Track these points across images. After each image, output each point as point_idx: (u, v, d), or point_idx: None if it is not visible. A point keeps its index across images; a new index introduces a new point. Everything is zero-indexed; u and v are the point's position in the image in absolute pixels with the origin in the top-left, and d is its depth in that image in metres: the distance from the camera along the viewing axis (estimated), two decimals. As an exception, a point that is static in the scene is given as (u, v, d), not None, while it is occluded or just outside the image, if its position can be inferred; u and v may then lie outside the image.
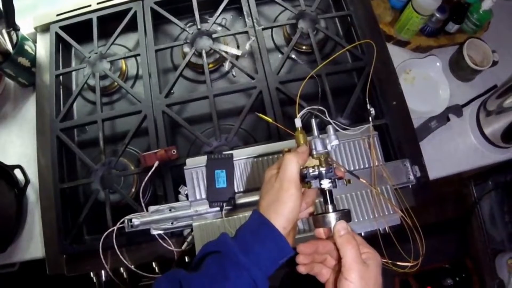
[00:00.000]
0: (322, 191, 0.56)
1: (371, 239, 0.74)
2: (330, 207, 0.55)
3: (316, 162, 0.56)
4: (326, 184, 0.55)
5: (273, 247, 0.51)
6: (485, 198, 1.39)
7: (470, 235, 1.47)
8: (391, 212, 0.75)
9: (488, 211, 1.43)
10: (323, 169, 0.55)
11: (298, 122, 0.60)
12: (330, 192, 0.55)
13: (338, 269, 0.51)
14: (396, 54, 1.02)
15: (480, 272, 1.46)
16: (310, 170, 0.55)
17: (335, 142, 0.58)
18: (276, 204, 0.53)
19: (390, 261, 0.69)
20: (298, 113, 0.64)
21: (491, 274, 1.40)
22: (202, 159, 0.77)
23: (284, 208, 0.52)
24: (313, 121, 0.60)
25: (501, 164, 1.02)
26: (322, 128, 0.61)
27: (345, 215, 0.54)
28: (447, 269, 1.52)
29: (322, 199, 0.56)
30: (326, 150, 0.57)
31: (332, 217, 0.53)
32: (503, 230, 1.40)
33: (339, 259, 0.51)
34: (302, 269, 0.54)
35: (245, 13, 0.96)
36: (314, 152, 0.57)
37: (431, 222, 1.11)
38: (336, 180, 0.56)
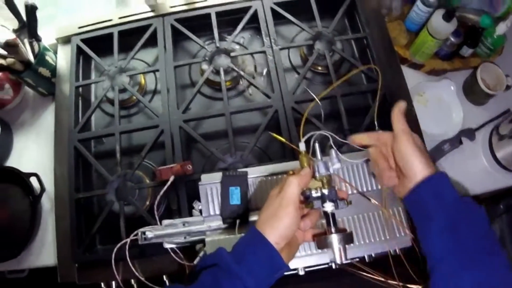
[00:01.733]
0: (325, 214, 0.59)
1: (382, 259, 0.75)
2: (332, 229, 0.58)
3: (319, 184, 0.59)
4: (329, 207, 0.58)
5: (265, 257, 0.54)
6: (496, 221, 1.38)
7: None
8: (402, 234, 0.75)
9: (499, 235, 1.41)
10: (325, 191, 0.58)
11: (302, 146, 0.63)
12: (333, 214, 0.58)
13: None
14: (411, 76, 1.03)
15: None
16: (313, 192, 0.58)
17: (337, 165, 0.62)
18: (273, 220, 0.56)
19: (400, 283, 0.70)
20: (303, 137, 0.66)
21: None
22: (217, 176, 0.78)
23: (280, 224, 0.55)
24: (316, 145, 0.63)
25: (513, 187, 1.01)
26: (339, 147, 0.65)
27: (347, 237, 0.57)
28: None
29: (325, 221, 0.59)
30: (329, 173, 0.60)
31: (334, 238, 0.56)
32: (513, 254, 1.39)
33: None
34: (372, 152, 0.68)
35: (263, 32, 0.97)
36: (317, 175, 0.60)
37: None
38: (338, 201, 0.58)
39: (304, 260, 0.70)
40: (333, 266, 0.76)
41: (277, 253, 0.55)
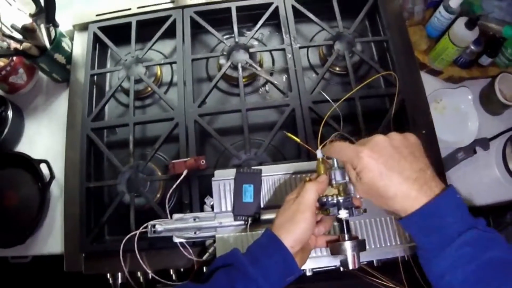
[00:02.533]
0: (339, 221, 0.61)
1: (389, 264, 0.74)
2: (346, 236, 0.60)
3: (335, 191, 0.60)
4: (343, 214, 0.59)
5: (280, 261, 0.55)
6: (502, 232, 1.38)
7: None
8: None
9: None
10: (341, 198, 0.59)
11: (319, 154, 0.64)
12: (347, 221, 0.60)
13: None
14: (428, 82, 1.02)
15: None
16: (329, 199, 0.59)
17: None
18: (289, 224, 0.57)
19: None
20: (321, 143, 0.66)
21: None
22: (231, 172, 0.77)
23: (296, 228, 0.56)
24: None
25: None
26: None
27: (361, 244, 0.59)
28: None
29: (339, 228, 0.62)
30: (345, 181, 0.60)
31: (348, 245, 0.58)
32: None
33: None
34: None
35: (283, 30, 0.96)
36: (334, 182, 0.60)
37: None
38: (353, 209, 0.59)
39: (314, 261, 0.70)
40: (341, 269, 0.76)
41: (292, 257, 0.55)
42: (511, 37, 0.98)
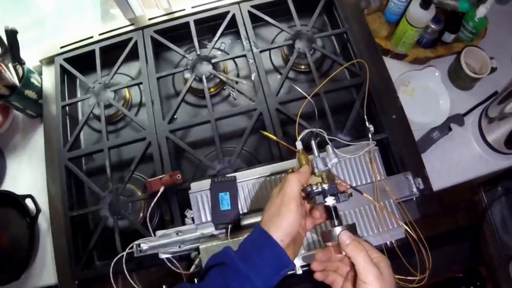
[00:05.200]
0: (327, 208, 0.59)
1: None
2: (336, 222, 0.58)
3: (319, 179, 0.60)
4: (330, 201, 0.58)
5: (271, 256, 0.55)
6: (495, 204, 1.38)
7: (483, 243, 1.45)
8: (395, 226, 0.76)
9: (499, 217, 1.41)
10: (325, 185, 0.59)
11: (299, 145, 0.64)
12: (335, 208, 0.59)
13: (352, 277, 0.55)
14: (395, 67, 1.03)
15: (495, 279, 1.43)
16: (314, 187, 0.59)
17: (335, 160, 0.63)
18: (276, 218, 0.56)
19: (397, 276, 0.70)
20: (298, 135, 0.67)
21: (507, 280, 1.38)
22: (206, 183, 0.78)
23: (283, 222, 0.56)
24: (312, 142, 0.63)
25: (510, 169, 1.01)
26: (323, 146, 0.65)
27: (351, 228, 0.57)
28: (462, 278, 1.50)
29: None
30: (327, 168, 0.61)
31: (338, 231, 0.56)
32: (515, 235, 1.39)
33: (352, 267, 0.54)
34: (317, 276, 0.58)
35: (242, 36, 0.98)
36: (316, 171, 0.61)
37: (443, 232, 1.11)
38: (339, 195, 0.59)
39: (303, 259, 0.71)
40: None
41: (283, 251, 0.55)
42: (468, 11, 0.99)
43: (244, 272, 0.54)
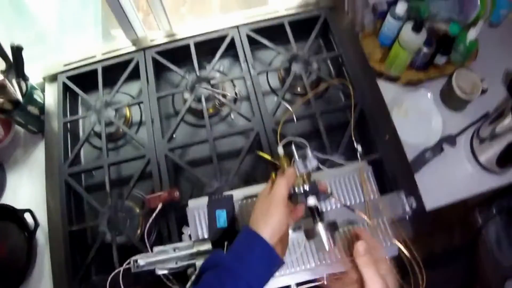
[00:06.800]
0: (310, 209, 0.63)
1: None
2: (318, 219, 0.62)
3: (300, 180, 0.64)
4: (312, 200, 0.62)
5: (262, 254, 0.57)
6: (490, 224, 1.39)
7: (478, 262, 1.45)
8: (389, 244, 0.77)
9: (494, 237, 1.42)
10: (307, 186, 0.63)
11: (280, 150, 0.69)
12: (317, 207, 0.63)
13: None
14: (388, 89, 1.06)
15: (490, 299, 1.44)
16: (296, 188, 0.63)
17: (314, 162, 0.68)
18: (265, 217, 0.59)
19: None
20: (280, 141, 0.71)
21: (502, 300, 1.38)
22: (204, 200, 0.80)
23: (271, 220, 0.59)
24: (292, 146, 0.69)
25: (503, 189, 1.02)
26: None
27: (332, 225, 0.63)
28: (457, 298, 1.50)
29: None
30: (308, 170, 0.65)
31: (320, 226, 0.61)
32: (510, 255, 1.39)
33: (360, 277, 0.58)
34: None
35: (241, 59, 1.01)
36: (297, 172, 0.65)
37: (438, 251, 1.11)
38: (319, 194, 0.63)
39: (296, 276, 0.72)
40: (325, 282, 0.78)
41: (272, 248, 0.57)
42: (458, 34, 1.02)
43: (238, 271, 0.56)
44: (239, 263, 0.56)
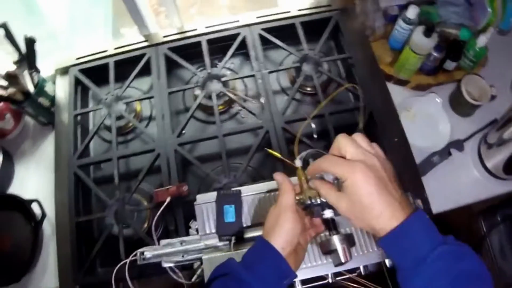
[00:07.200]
0: (325, 221, 0.62)
1: (377, 274, 0.76)
2: (334, 232, 0.61)
3: (316, 192, 0.62)
4: (328, 213, 0.61)
5: (272, 264, 0.56)
6: (494, 232, 1.38)
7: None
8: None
9: (498, 245, 1.41)
10: (324, 199, 0.60)
11: (298, 163, 0.66)
12: (333, 220, 0.61)
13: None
14: (397, 93, 1.06)
15: (493, 307, 1.43)
16: (313, 200, 0.61)
17: (331, 176, 0.64)
18: (276, 227, 0.59)
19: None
20: (298, 154, 0.69)
21: (506, 309, 1.37)
22: (212, 195, 0.80)
23: (282, 230, 0.58)
24: (310, 160, 0.69)
25: (509, 197, 1.03)
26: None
27: (349, 238, 0.60)
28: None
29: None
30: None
31: (336, 239, 0.59)
32: (513, 263, 1.39)
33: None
34: None
35: (252, 57, 1.02)
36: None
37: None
38: None
39: (302, 272, 0.72)
40: (330, 280, 0.78)
41: (283, 259, 0.57)
42: (469, 39, 1.03)
43: (247, 280, 0.55)
44: (248, 273, 0.56)
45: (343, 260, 0.59)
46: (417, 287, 0.50)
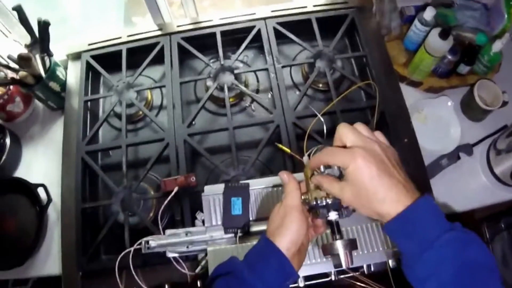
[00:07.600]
0: (329, 222, 0.60)
1: (382, 273, 0.76)
2: (337, 236, 0.59)
3: (324, 194, 0.60)
4: (333, 215, 0.59)
5: (276, 265, 0.55)
6: (497, 239, 1.38)
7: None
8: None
9: (500, 253, 1.41)
10: (329, 200, 0.59)
11: (306, 160, 0.66)
12: (337, 223, 0.60)
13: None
14: (410, 94, 1.06)
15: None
16: (319, 201, 0.60)
17: (336, 171, 0.62)
18: (281, 228, 0.58)
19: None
20: (307, 151, 0.69)
21: (506, 318, 1.37)
22: (220, 187, 0.80)
23: (287, 230, 0.57)
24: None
25: (512, 203, 1.02)
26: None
27: (352, 243, 0.58)
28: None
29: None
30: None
31: (339, 244, 0.58)
32: (515, 271, 1.38)
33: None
34: None
35: (266, 51, 1.02)
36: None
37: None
38: (342, 210, 0.60)
39: (305, 269, 0.72)
40: (333, 278, 0.78)
41: (287, 260, 0.56)
42: (484, 44, 1.02)
43: (249, 280, 0.54)
44: (251, 272, 0.55)
45: (344, 266, 0.58)
46: (422, 273, 0.49)
